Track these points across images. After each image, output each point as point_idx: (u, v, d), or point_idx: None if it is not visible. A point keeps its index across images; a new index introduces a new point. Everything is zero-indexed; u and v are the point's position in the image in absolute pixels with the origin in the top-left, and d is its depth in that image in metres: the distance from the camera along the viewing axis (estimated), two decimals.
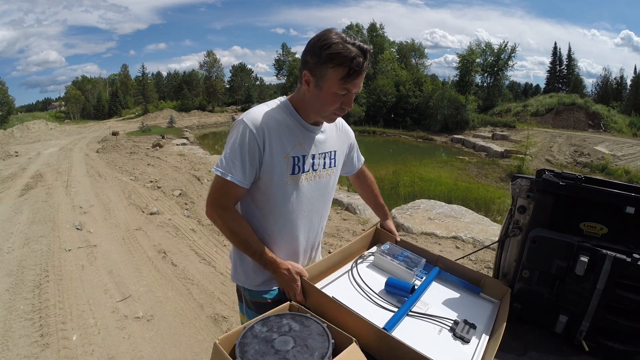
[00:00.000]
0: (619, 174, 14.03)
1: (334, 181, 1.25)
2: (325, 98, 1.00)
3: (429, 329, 0.99)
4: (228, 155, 1.02)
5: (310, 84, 1.01)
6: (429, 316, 1.03)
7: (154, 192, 6.60)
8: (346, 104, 1.03)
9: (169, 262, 3.63)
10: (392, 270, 1.23)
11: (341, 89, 0.98)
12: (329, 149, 1.18)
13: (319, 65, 0.96)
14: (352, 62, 0.93)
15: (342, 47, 0.93)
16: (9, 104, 36.38)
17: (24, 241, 4.13)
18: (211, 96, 45.85)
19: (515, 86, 50.64)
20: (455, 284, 1.22)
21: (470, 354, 0.91)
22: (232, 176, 1.01)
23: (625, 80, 34.10)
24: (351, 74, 0.95)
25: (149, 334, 2.52)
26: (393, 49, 37.65)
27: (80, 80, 51.18)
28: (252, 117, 1.02)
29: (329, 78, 0.97)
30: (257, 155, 1.02)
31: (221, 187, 1.04)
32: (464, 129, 25.91)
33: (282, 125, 1.06)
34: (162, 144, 14.59)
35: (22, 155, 12.71)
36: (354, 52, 0.94)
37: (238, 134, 1.01)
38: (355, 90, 1.01)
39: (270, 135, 1.02)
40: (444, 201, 6.43)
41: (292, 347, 0.78)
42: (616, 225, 0.97)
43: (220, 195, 1.05)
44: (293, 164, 1.07)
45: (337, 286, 1.17)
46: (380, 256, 1.27)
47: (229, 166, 1.01)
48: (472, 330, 0.98)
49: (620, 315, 0.90)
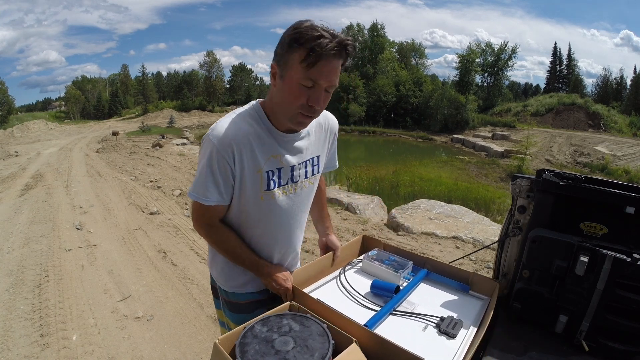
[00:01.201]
0: (619, 174, 14.04)
1: (316, 186, 1.17)
2: (289, 89, 0.87)
3: (413, 327, 1.00)
4: (200, 178, 0.98)
5: (277, 76, 0.89)
6: (414, 314, 1.04)
7: (154, 192, 6.60)
8: (314, 101, 0.87)
9: (169, 262, 3.63)
10: (379, 274, 1.24)
11: (305, 78, 0.84)
12: (310, 155, 1.08)
13: (284, 52, 0.86)
14: (313, 41, 0.80)
15: (309, 29, 0.82)
16: (9, 104, 36.41)
17: (24, 241, 4.13)
18: (211, 96, 45.86)
19: (515, 86, 50.69)
20: (443, 283, 1.23)
21: (455, 348, 0.91)
22: (207, 199, 0.98)
23: (625, 80, 34.17)
24: (312, 56, 0.81)
25: (149, 334, 2.52)
26: (393, 49, 37.66)
27: (80, 80, 51.23)
28: (218, 134, 0.93)
29: (291, 64, 0.84)
30: (229, 173, 0.96)
31: (200, 209, 1.02)
32: (464, 129, 25.92)
33: (253, 137, 0.95)
34: (162, 144, 14.58)
35: (22, 155, 12.71)
36: (319, 33, 0.81)
37: (205, 155, 0.95)
38: (324, 82, 0.85)
39: (240, 150, 0.94)
40: (444, 201, 6.43)
41: (293, 348, 0.78)
42: (616, 225, 0.97)
43: (201, 216, 1.04)
44: (267, 178, 0.99)
45: (325, 290, 1.19)
46: (368, 262, 1.29)
47: (202, 189, 0.98)
48: (458, 326, 0.98)
49: (620, 315, 0.90)
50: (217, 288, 1.21)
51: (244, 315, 1.13)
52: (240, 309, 1.16)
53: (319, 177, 1.17)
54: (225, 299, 1.18)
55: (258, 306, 1.14)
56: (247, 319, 0.88)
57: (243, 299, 1.15)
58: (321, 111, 0.94)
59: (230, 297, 1.16)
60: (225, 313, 1.21)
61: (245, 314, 1.13)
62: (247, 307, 1.15)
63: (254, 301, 1.15)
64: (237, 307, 1.16)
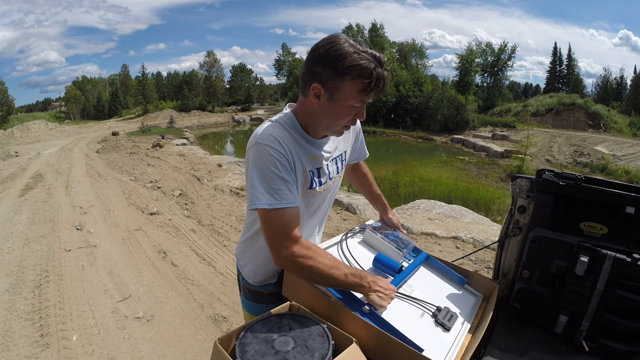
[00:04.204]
0: (619, 174, 14.05)
1: (341, 179, 1.25)
2: (340, 111, 0.94)
3: (411, 312, 0.99)
4: (265, 182, 0.90)
5: (322, 97, 0.93)
6: (413, 299, 1.03)
7: (154, 192, 6.60)
8: (359, 115, 0.97)
9: (169, 263, 3.63)
10: (381, 248, 1.21)
11: (358, 101, 0.93)
12: (339, 152, 1.17)
13: (334, 77, 0.88)
14: (372, 74, 0.87)
15: (358, 56, 0.86)
16: (9, 104, 36.47)
17: (24, 241, 4.13)
18: (211, 96, 45.92)
19: (515, 86, 50.72)
20: (442, 271, 1.22)
21: (450, 342, 0.92)
22: (283, 202, 0.90)
23: (625, 80, 34.17)
24: (372, 87, 0.89)
25: (149, 334, 2.52)
26: (393, 49, 37.69)
27: (80, 81, 51.20)
28: (268, 137, 0.94)
29: (346, 91, 0.90)
30: (290, 169, 0.94)
31: (281, 223, 0.90)
32: (464, 129, 25.92)
33: (293, 141, 0.99)
34: (162, 144, 14.59)
35: (22, 156, 12.72)
36: (373, 63, 0.87)
37: (261, 157, 0.91)
38: (369, 100, 0.96)
39: (289, 149, 0.96)
40: (444, 201, 6.43)
41: (292, 348, 0.78)
42: (616, 225, 0.97)
43: (286, 232, 0.90)
44: (311, 178, 1.04)
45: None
46: (371, 233, 1.24)
47: (273, 194, 0.89)
48: (453, 319, 0.98)
49: (620, 315, 0.90)
50: (239, 278, 1.23)
51: (261, 306, 1.15)
52: (260, 299, 1.17)
53: (344, 170, 1.24)
54: (248, 288, 1.19)
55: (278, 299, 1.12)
56: (263, 310, 0.88)
57: (265, 289, 1.16)
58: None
59: (252, 286, 1.17)
60: (242, 304, 1.23)
61: (264, 304, 1.15)
62: (269, 297, 1.15)
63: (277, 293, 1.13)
64: (258, 296, 1.17)
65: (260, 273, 1.16)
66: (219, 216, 5.13)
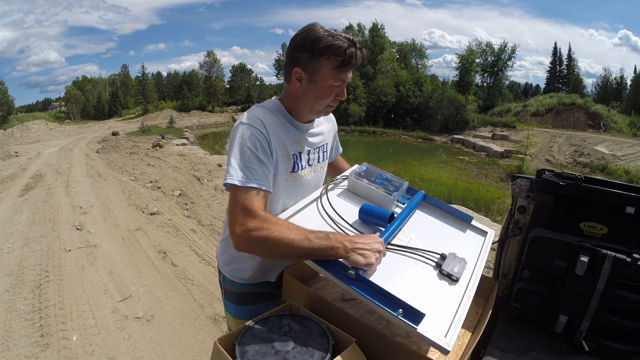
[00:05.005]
0: (619, 174, 14.05)
1: (325, 171, 1.27)
2: (321, 91, 1.01)
3: (410, 266, 0.87)
4: (240, 160, 0.91)
5: (303, 80, 1.00)
6: (410, 249, 0.90)
7: (154, 193, 6.60)
8: (340, 94, 1.04)
9: (169, 263, 3.63)
10: (368, 195, 1.07)
11: (336, 79, 0.99)
12: (322, 142, 1.20)
13: (312, 59, 0.97)
14: (345, 52, 0.95)
15: (332, 38, 0.96)
16: (9, 104, 36.49)
17: (24, 241, 4.13)
18: (211, 96, 45.92)
19: (515, 86, 50.72)
20: (443, 211, 1.09)
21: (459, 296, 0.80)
22: (255, 181, 0.90)
23: (625, 80, 34.18)
24: (346, 64, 0.97)
25: (149, 334, 2.52)
26: (393, 49, 37.69)
27: (80, 81, 51.23)
28: (252, 117, 0.99)
29: (324, 71, 0.97)
30: (268, 151, 0.96)
31: (248, 202, 0.88)
32: (464, 129, 25.94)
33: (279, 125, 1.04)
34: (162, 144, 14.59)
35: (22, 156, 12.72)
36: (346, 43, 0.96)
37: (244, 136, 0.95)
38: (348, 80, 1.03)
39: (272, 131, 1.00)
40: (444, 201, 6.43)
41: (292, 348, 0.78)
42: (616, 225, 0.97)
43: (251, 211, 0.87)
44: (293, 162, 1.07)
45: (302, 217, 1.00)
46: (355, 179, 1.10)
47: (246, 172, 0.90)
48: (461, 267, 0.86)
49: (620, 315, 0.90)
50: (221, 281, 1.20)
51: (246, 307, 1.13)
52: (244, 300, 1.14)
53: (326, 163, 1.27)
54: (231, 290, 1.16)
55: (261, 299, 1.12)
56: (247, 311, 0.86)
57: (246, 289, 1.14)
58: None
59: (236, 287, 1.15)
60: (225, 307, 1.20)
61: (249, 305, 1.12)
62: (255, 298, 1.13)
63: (258, 293, 1.12)
64: (242, 297, 1.14)
65: (247, 269, 1.12)
66: (219, 216, 5.12)
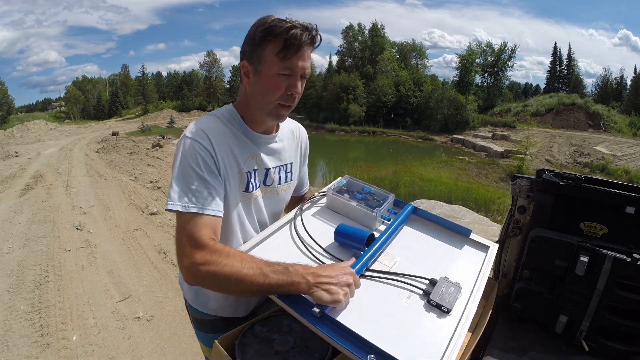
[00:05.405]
0: (619, 174, 14.05)
1: (289, 195, 1.09)
2: (267, 82, 0.86)
3: (392, 296, 0.74)
4: (183, 181, 0.81)
5: (250, 74, 0.89)
6: (393, 275, 0.77)
7: (154, 192, 6.60)
8: (292, 88, 0.87)
9: (169, 262, 3.63)
10: (348, 213, 0.95)
11: (282, 67, 0.85)
12: (285, 160, 1.04)
13: (255, 48, 0.86)
14: (287, 32, 0.82)
15: (274, 22, 0.84)
16: (9, 104, 36.54)
17: (24, 241, 4.13)
18: (211, 96, 45.95)
19: (515, 86, 50.65)
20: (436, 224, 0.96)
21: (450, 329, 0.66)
22: (199, 206, 0.79)
23: (625, 80, 34.18)
24: (289, 47, 0.83)
25: (149, 334, 2.52)
26: (393, 49, 37.70)
27: (80, 81, 51.31)
28: (196, 130, 0.86)
29: (267, 58, 0.85)
30: (215, 170, 0.84)
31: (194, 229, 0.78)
32: (464, 129, 25.95)
33: (230, 137, 0.90)
34: (162, 144, 14.58)
35: (22, 156, 12.72)
36: (290, 24, 0.84)
37: (185, 153, 0.83)
38: (300, 70, 0.87)
39: (220, 147, 0.86)
40: (444, 201, 6.42)
41: (292, 348, 0.78)
42: (616, 225, 0.97)
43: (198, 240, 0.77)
44: (247, 180, 0.93)
45: (274, 243, 0.89)
46: (333, 196, 0.98)
47: (190, 196, 0.80)
48: (454, 294, 0.73)
49: (620, 315, 0.90)
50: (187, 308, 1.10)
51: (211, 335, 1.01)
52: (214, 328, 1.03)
53: (292, 185, 1.10)
54: (198, 318, 1.06)
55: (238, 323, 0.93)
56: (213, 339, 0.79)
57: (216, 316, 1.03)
58: (299, 99, 0.92)
59: (203, 315, 1.04)
60: (197, 336, 1.12)
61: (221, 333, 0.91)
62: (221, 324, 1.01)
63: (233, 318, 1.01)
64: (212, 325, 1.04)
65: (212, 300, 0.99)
66: None
